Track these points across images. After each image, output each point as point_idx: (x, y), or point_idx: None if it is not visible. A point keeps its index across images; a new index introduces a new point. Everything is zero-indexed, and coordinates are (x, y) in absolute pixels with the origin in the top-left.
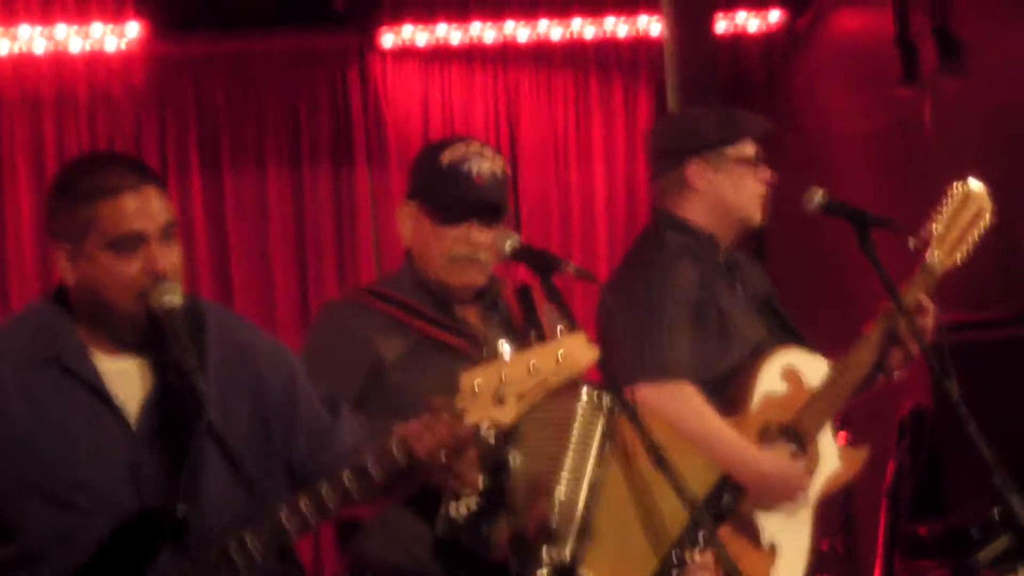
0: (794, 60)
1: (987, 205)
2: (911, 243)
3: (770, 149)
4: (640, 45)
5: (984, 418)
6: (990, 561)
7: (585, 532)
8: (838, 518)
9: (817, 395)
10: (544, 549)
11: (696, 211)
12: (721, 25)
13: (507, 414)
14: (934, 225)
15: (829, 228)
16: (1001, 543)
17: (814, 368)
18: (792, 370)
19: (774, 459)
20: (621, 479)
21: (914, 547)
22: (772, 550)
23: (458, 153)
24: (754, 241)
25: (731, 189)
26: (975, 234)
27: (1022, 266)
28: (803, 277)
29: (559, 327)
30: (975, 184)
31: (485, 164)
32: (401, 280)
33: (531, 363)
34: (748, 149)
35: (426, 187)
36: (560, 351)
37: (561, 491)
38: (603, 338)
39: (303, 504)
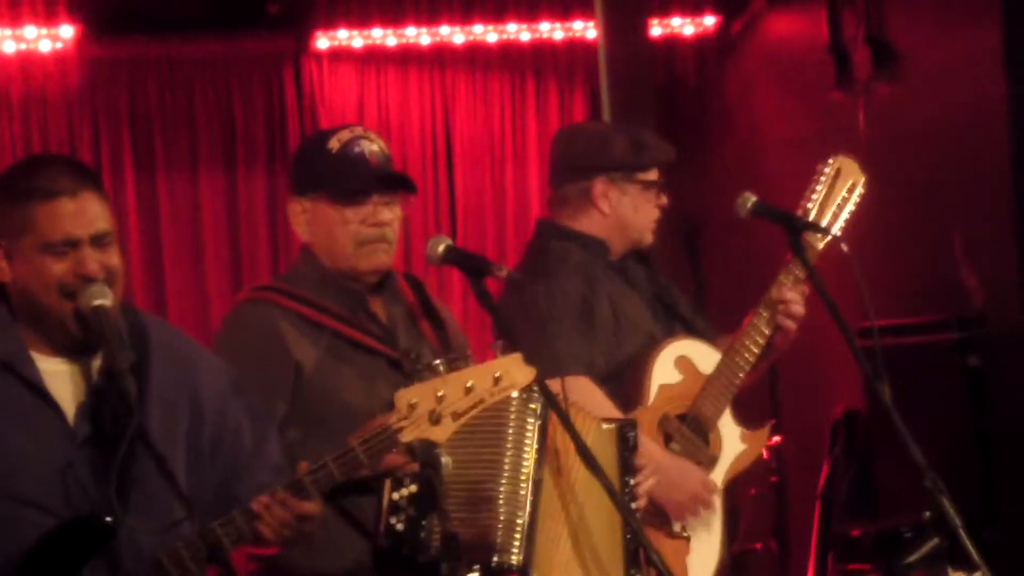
0: (728, 65)
1: (860, 177)
2: (842, 245)
3: (702, 152)
4: (575, 49)
5: (915, 421)
6: (921, 562)
7: (532, 534)
8: (771, 520)
9: (711, 382)
10: (494, 558)
11: (592, 226)
12: (656, 30)
13: (442, 433)
14: (807, 205)
15: (762, 231)
16: (932, 545)
17: (706, 356)
18: (685, 359)
19: (680, 465)
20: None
21: (847, 548)
22: (685, 536)
23: (344, 137)
24: (688, 244)
25: (632, 211)
26: (852, 205)
27: (954, 271)
28: (736, 280)
29: (497, 345)
30: (846, 158)
31: (373, 144)
32: (303, 277)
33: (468, 383)
34: (653, 175)
35: (321, 176)
36: (497, 372)
37: (502, 496)
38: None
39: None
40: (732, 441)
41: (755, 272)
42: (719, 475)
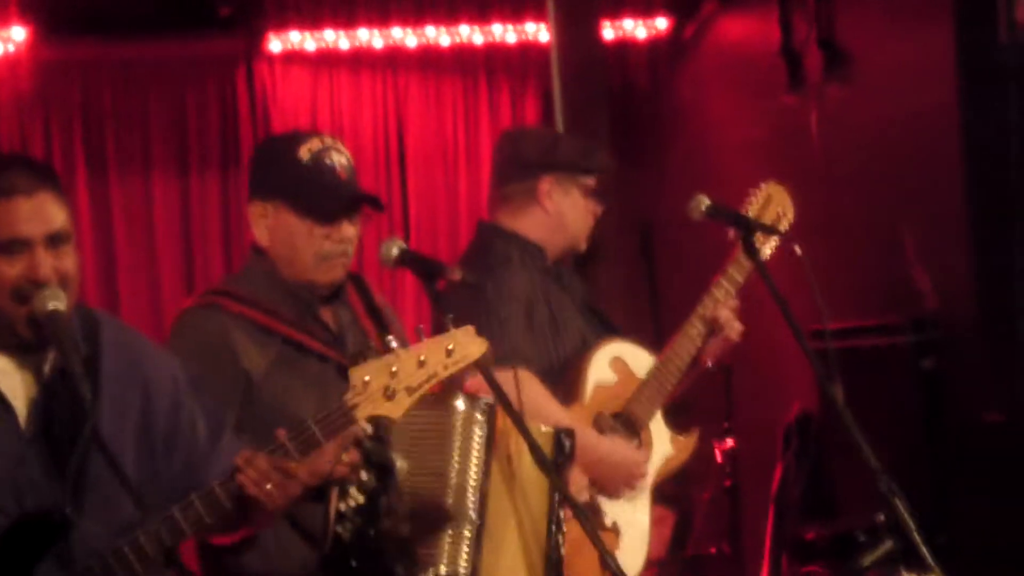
0: (681, 67)
1: (789, 205)
2: (795, 247)
3: (656, 154)
4: (528, 51)
5: (869, 423)
6: (875, 564)
7: (480, 543)
8: (725, 523)
9: (645, 384)
10: (442, 568)
11: (532, 225)
12: (608, 32)
13: (397, 408)
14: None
15: (714, 232)
16: (886, 547)
17: (640, 359)
18: (619, 360)
19: (612, 444)
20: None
21: (801, 551)
22: (616, 531)
23: (315, 148)
24: (642, 245)
25: (572, 213)
26: (780, 231)
27: (907, 273)
28: (690, 280)
29: (448, 319)
30: (777, 187)
31: (342, 157)
32: (253, 280)
33: (421, 357)
34: (592, 183)
35: (290, 186)
36: (449, 345)
37: (449, 507)
38: None
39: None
40: (662, 443)
41: (709, 272)
42: (649, 474)
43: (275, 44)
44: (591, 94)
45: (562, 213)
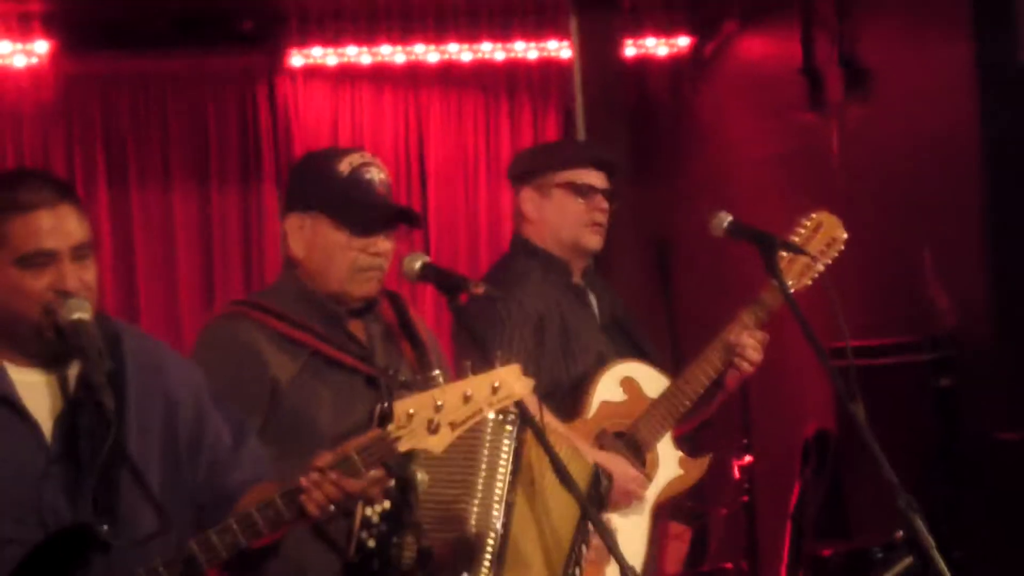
0: (701, 85)
1: (840, 234)
2: (818, 266)
3: (676, 171)
4: (549, 68)
5: (886, 441)
6: None
7: (502, 555)
8: (742, 539)
9: (655, 405)
10: None
11: (536, 236)
12: (630, 50)
13: (440, 443)
14: (782, 253)
15: (735, 250)
16: (904, 565)
17: (653, 381)
18: (631, 381)
19: (608, 458)
20: (525, 496)
21: (818, 568)
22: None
23: (355, 163)
24: (659, 262)
25: (556, 214)
26: (826, 261)
27: (925, 292)
28: (707, 298)
29: (498, 355)
30: (829, 215)
31: (380, 173)
32: (282, 294)
33: (467, 392)
34: (582, 176)
35: (330, 199)
36: (495, 382)
37: (474, 518)
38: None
39: (214, 538)
40: (669, 465)
41: (726, 290)
42: (651, 494)
43: (296, 59)
44: (612, 111)
45: (545, 218)
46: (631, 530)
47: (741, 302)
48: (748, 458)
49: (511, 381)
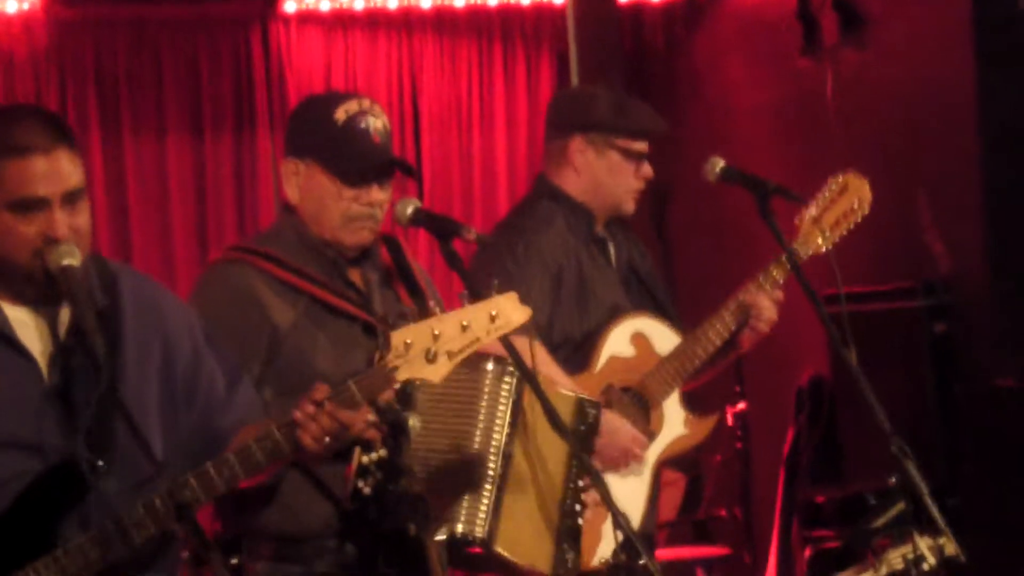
0: (696, 31)
1: (866, 195)
2: (810, 213)
3: (670, 117)
4: (543, 13)
5: (881, 387)
6: (886, 527)
7: (500, 507)
8: (736, 486)
9: (664, 362)
10: (459, 527)
11: (570, 184)
12: None
13: (438, 372)
14: (808, 210)
15: (730, 196)
16: (897, 510)
17: (664, 338)
18: (641, 336)
19: (610, 416)
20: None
21: (812, 514)
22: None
23: (351, 111)
24: (656, 209)
25: (607, 175)
26: (850, 222)
27: (920, 237)
28: (705, 245)
29: (494, 284)
30: (857, 176)
31: (378, 121)
32: (281, 239)
33: (464, 321)
34: (637, 146)
35: (323, 146)
36: (493, 310)
37: (472, 467)
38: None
39: (212, 471)
40: (674, 423)
41: (723, 239)
42: (654, 452)
43: (290, 5)
44: (606, 56)
45: (594, 174)
46: (631, 487)
47: (736, 252)
48: (742, 405)
49: (509, 309)
